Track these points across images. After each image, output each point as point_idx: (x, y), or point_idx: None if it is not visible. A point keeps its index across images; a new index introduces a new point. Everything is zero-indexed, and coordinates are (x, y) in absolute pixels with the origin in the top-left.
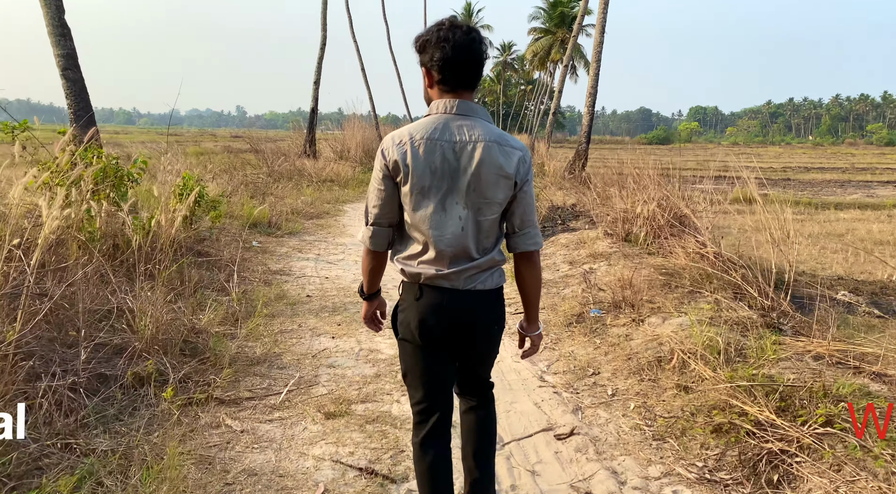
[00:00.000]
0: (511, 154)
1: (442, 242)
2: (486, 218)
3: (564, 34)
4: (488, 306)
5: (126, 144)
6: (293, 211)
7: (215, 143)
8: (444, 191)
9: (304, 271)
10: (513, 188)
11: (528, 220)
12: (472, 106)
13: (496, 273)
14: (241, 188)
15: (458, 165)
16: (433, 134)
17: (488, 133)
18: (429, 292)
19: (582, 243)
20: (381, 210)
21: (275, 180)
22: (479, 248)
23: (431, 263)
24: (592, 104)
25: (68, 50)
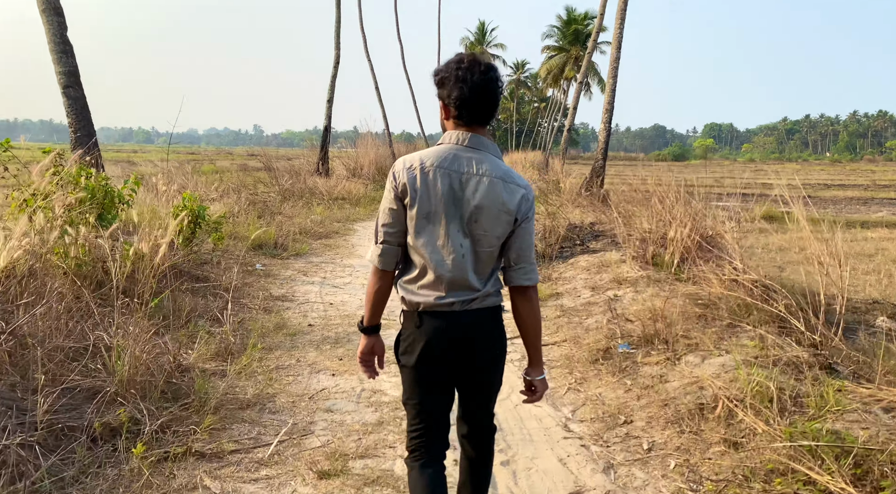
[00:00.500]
0: (515, 191)
1: (442, 267)
2: (484, 250)
3: (578, 52)
4: (487, 323)
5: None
6: (301, 231)
7: (231, 161)
8: (447, 218)
9: (308, 296)
10: (513, 224)
11: (524, 255)
12: (483, 141)
13: (493, 297)
14: (250, 208)
15: (462, 195)
16: (443, 163)
17: (495, 169)
18: (428, 319)
19: (604, 266)
20: (392, 229)
21: (285, 199)
22: (478, 278)
23: (430, 288)
24: (609, 121)
25: (70, 67)
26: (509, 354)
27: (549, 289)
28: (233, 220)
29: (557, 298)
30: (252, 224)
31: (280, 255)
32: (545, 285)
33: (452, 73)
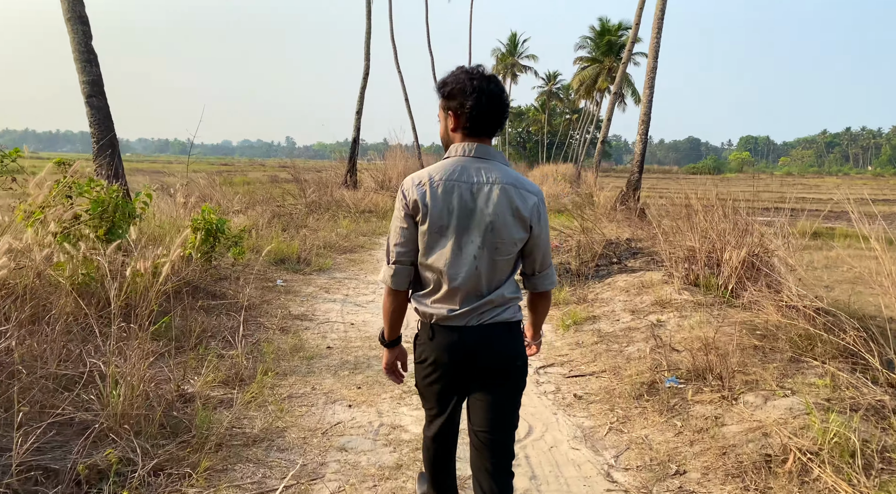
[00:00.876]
0: (527, 198)
1: (456, 280)
2: (502, 257)
3: (611, 63)
4: (503, 339)
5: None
6: (326, 245)
7: (263, 172)
8: (460, 230)
9: (329, 315)
10: (528, 230)
11: (546, 262)
12: (489, 150)
13: (510, 308)
14: (274, 221)
15: (474, 206)
16: (451, 175)
17: (505, 176)
18: (441, 332)
19: (644, 287)
20: (404, 248)
21: (311, 211)
22: (490, 286)
23: (444, 301)
24: (645, 132)
25: (94, 76)
26: (542, 385)
27: (584, 311)
28: (256, 233)
29: (594, 321)
30: (275, 238)
31: (302, 270)
32: (580, 307)
33: (466, 84)
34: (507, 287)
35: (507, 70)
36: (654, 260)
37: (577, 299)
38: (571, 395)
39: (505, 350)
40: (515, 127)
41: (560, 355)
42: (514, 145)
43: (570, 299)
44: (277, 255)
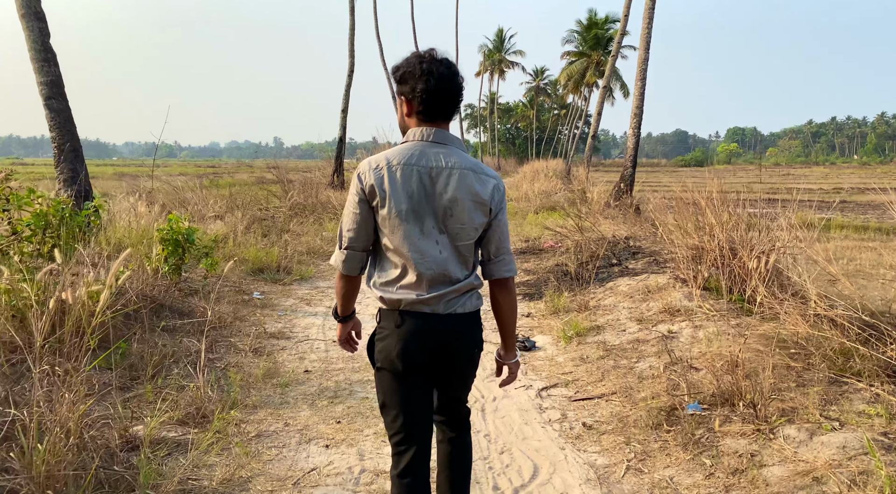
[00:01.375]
0: (486, 181)
1: (423, 264)
2: (463, 243)
3: (599, 57)
4: (469, 329)
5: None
6: (309, 250)
7: (251, 173)
8: (420, 215)
9: (309, 331)
10: (488, 215)
11: (503, 247)
12: (447, 135)
13: (474, 296)
14: (255, 226)
15: (433, 190)
16: (410, 160)
17: (464, 161)
18: (410, 319)
19: (650, 292)
20: (355, 234)
21: (295, 214)
22: (458, 271)
23: (411, 287)
24: (638, 126)
25: (53, 76)
26: (546, 412)
27: (587, 320)
28: (233, 241)
29: (598, 332)
30: (254, 245)
31: (282, 280)
32: (582, 315)
33: (416, 67)
34: (473, 276)
35: (495, 66)
36: (657, 261)
37: (578, 306)
38: (580, 424)
39: (472, 339)
40: (504, 123)
41: (564, 372)
42: (502, 142)
43: (570, 306)
44: (255, 264)
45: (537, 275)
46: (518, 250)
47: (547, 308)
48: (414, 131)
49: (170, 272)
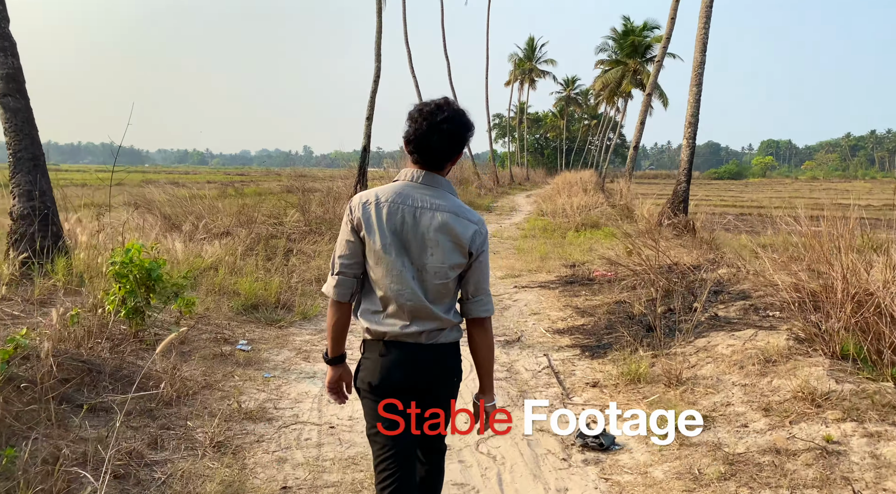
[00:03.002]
0: (467, 226)
1: (402, 296)
2: (441, 281)
3: (636, 65)
4: (449, 359)
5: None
6: (319, 278)
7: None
8: (400, 250)
9: (300, 408)
10: (467, 257)
11: (481, 288)
12: (436, 178)
13: (454, 329)
14: (260, 246)
15: (417, 229)
16: (397, 199)
17: (448, 205)
18: (394, 349)
19: (768, 361)
20: (347, 261)
21: (311, 231)
22: (438, 307)
23: (395, 317)
24: (693, 136)
25: (10, 69)
26: None
27: (683, 401)
28: (226, 268)
29: (707, 426)
30: (251, 274)
31: (280, 321)
32: (674, 391)
33: (416, 113)
34: (452, 315)
35: (525, 75)
36: (755, 308)
37: (666, 377)
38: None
39: (452, 368)
40: (533, 133)
41: None
42: (531, 152)
43: (653, 374)
44: (249, 299)
45: (594, 318)
46: (562, 278)
47: (619, 374)
48: (406, 172)
49: (129, 318)
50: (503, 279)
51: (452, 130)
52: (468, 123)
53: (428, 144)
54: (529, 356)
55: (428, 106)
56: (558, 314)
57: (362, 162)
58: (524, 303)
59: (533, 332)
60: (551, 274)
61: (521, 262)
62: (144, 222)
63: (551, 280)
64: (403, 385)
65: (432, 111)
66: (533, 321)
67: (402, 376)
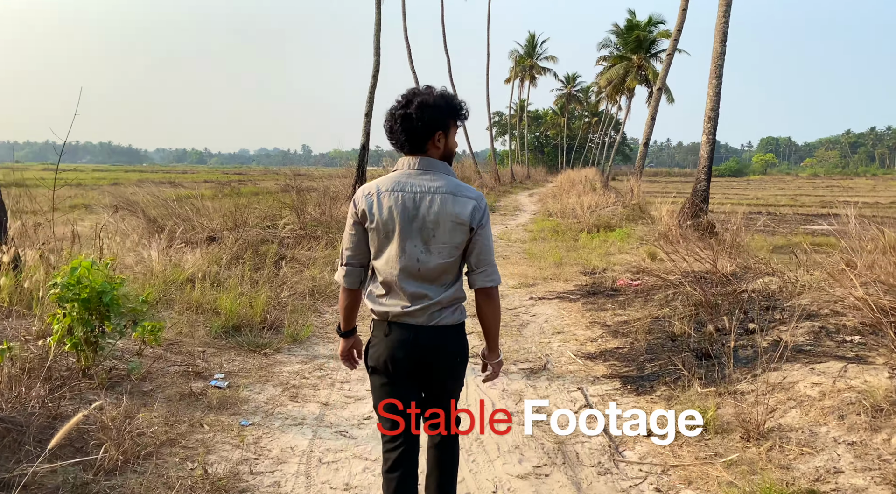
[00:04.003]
0: (466, 203)
1: (404, 280)
2: (445, 260)
3: (641, 60)
4: (451, 341)
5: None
6: (314, 291)
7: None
8: (404, 235)
9: (283, 473)
10: (468, 233)
11: (484, 259)
12: (431, 161)
13: (457, 310)
14: (248, 254)
15: (417, 213)
16: (396, 186)
17: (446, 185)
18: (396, 329)
19: (877, 411)
20: (352, 252)
21: (306, 236)
22: (438, 286)
23: (397, 300)
24: (713, 131)
25: None
26: None
27: (766, 459)
28: (205, 282)
29: None
30: (234, 289)
31: (266, 345)
32: (756, 448)
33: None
34: (455, 289)
35: (526, 72)
36: (826, 330)
37: (742, 427)
38: None
39: (453, 350)
40: (533, 131)
41: None
42: (531, 150)
43: (722, 420)
44: (231, 318)
45: (629, 338)
46: (583, 288)
47: (678, 418)
48: (402, 161)
49: (78, 350)
50: (517, 289)
51: (409, 113)
52: (430, 103)
53: (392, 132)
54: (560, 391)
55: (399, 98)
56: (586, 332)
57: (361, 160)
58: (544, 318)
59: (559, 357)
60: (569, 283)
61: (535, 268)
62: (123, 224)
63: (570, 290)
64: (407, 365)
65: (393, 106)
66: (558, 342)
67: (404, 355)
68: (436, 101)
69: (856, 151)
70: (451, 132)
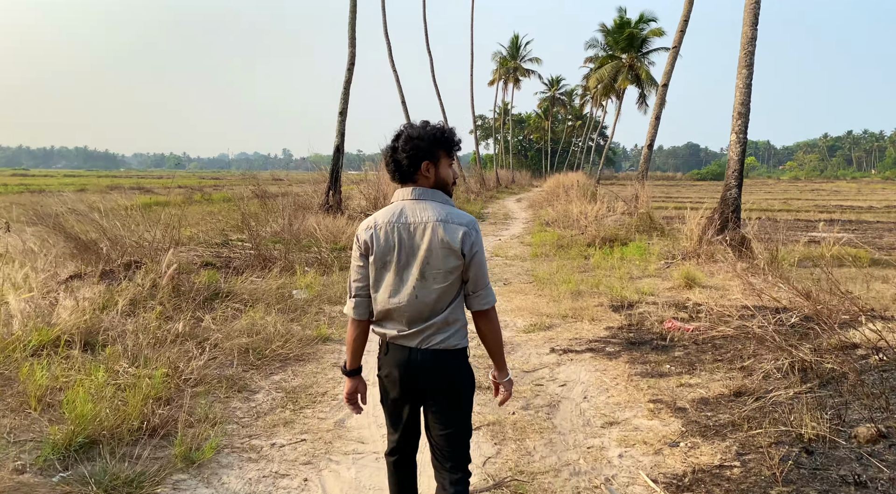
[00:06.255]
0: (456, 230)
1: (400, 306)
2: (440, 285)
3: (632, 59)
4: (446, 366)
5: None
6: (249, 349)
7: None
8: (400, 265)
9: None
10: (461, 258)
11: (480, 283)
12: (424, 190)
13: (454, 335)
14: (167, 289)
15: (411, 243)
16: (392, 218)
17: (438, 214)
18: (394, 349)
19: None
20: (361, 283)
21: (259, 256)
22: (433, 310)
23: (393, 323)
24: (744, 128)
25: None
26: None
27: None
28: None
29: None
30: (115, 358)
31: (133, 480)
32: None
33: None
34: (450, 312)
35: (510, 74)
36: None
37: None
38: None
39: (448, 374)
40: (516, 135)
41: None
42: (514, 154)
43: None
44: (81, 428)
45: (728, 441)
46: (618, 333)
47: None
48: (399, 192)
49: None
50: (530, 333)
51: (396, 146)
52: (414, 136)
53: (387, 166)
54: None
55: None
56: (653, 423)
57: (335, 164)
58: (581, 392)
59: (628, 484)
60: (598, 324)
61: (547, 300)
62: (35, 244)
63: (603, 337)
64: (405, 385)
65: (394, 139)
66: (616, 446)
67: (399, 374)
68: (419, 133)
69: (833, 155)
70: (441, 162)
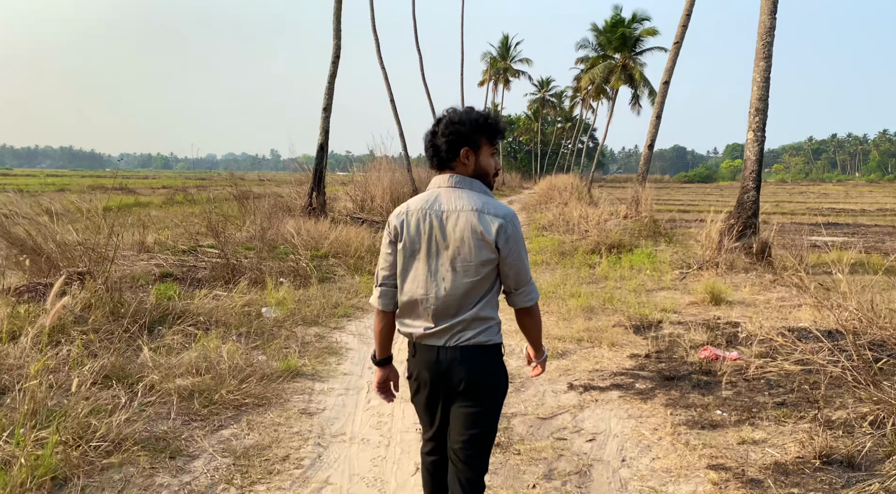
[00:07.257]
0: (492, 221)
1: (427, 299)
2: (471, 279)
3: (626, 58)
4: (474, 362)
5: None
6: (194, 392)
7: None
8: (430, 254)
9: None
10: (496, 252)
11: (521, 280)
12: (463, 180)
13: (485, 331)
14: (107, 307)
15: (443, 232)
16: (425, 205)
17: (474, 203)
18: (421, 350)
19: None
20: (388, 271)
21: (228, 265)
22: (462, 306)
23: (420, 320)
24: (762, 126)
25: None
26: None
27: None
28: None
29: None
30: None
31: None
32: None
33: None
34: (481, 307)
35: (500, 75)
36: None
37: None
38: None
39: (477, 372)
40: (506, 137)
41: None
42: (504, 156)
43: None
44: None
45: None
46: (645, 363)
47: None
48: (435, 179)
49: None
50: None
51: (436, 131)
52: (455, 120)
53: (426, 151)
54: None
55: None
56: None
57: (319, 163)
58: (617, 452)
59: None
60: (619, 351)
61: (555, 318)
62: None
63: (629, 368)
64: (434, 385)
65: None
66: None
67: (429, 376)
68: (462, 117)
69: (818, 158)
70: (482, 150)
